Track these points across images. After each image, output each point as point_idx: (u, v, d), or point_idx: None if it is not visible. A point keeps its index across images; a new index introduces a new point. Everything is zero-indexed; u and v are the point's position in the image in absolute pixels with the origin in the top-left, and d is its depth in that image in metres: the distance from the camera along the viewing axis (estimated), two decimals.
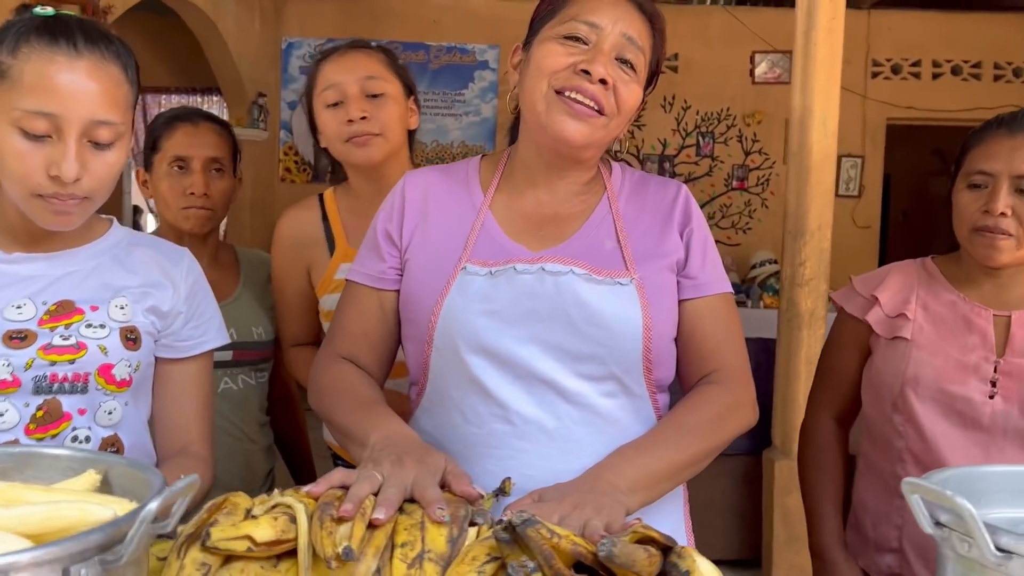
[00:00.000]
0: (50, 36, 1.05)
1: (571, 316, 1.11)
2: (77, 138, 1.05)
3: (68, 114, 1.04)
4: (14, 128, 1.04)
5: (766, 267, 5.86)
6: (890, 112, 6.27)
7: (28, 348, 1.09)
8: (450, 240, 1.19)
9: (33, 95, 1.03)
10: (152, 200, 1.82)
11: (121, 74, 1.10)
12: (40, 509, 0.66)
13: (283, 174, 6.40)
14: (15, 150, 1.04)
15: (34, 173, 1.04)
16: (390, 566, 0.79)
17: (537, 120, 1.13)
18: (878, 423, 1.48)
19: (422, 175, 1.26)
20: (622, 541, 0.78)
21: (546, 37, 1.13)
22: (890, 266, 1.53)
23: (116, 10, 3.82)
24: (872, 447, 1.51)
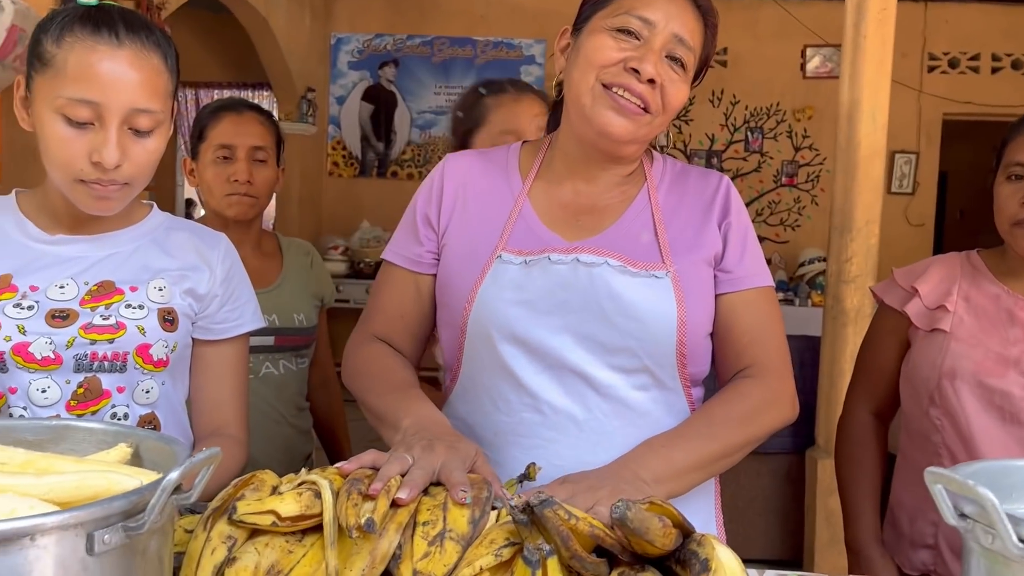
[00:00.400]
0: (93, 26, 1.08)
1: (604, 308, 1.11)
2: (118, 126, 1.08)
3: (109, 102, 1.07)
4: (58, 115, 1.07)
5: (815, 265, 5.76)
6: (947, 107, 6.10)
7: (70, 327, 1.13)
8: (487, 227, 1.19)
9: (76, 83, 1.06)
10: (197, 189, 1.87)
11: (161, 63, 1.12)
12: (69, 478, 0.68)
13: (331, 168, 6.47)
14: (58, 136, 1.07)
15: (76, 159, 1.08)
16: (411, 543, 0.80)
17: (582, 112, 1.12)
18: (916, 418, 1.45)
19: (462, 159, 1.26)
20: (636, 506, 0.77)
21: (597, 27, 1.12)
22: (932, 258, 1.51)
23: (170, 6, 3.90)
24: (910, 442, 1.48)
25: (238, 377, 1.29)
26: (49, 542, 0.59)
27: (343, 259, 5.96)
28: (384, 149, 6.44)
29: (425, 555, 0.79)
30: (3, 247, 1.16)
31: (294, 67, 5.69)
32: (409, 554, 0.79)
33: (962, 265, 1.47)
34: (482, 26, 6.30)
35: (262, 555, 0.78)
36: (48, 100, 1.07)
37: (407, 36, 6.35)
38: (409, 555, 0.79)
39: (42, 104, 1.08)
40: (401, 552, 0.79)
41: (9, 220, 1.18)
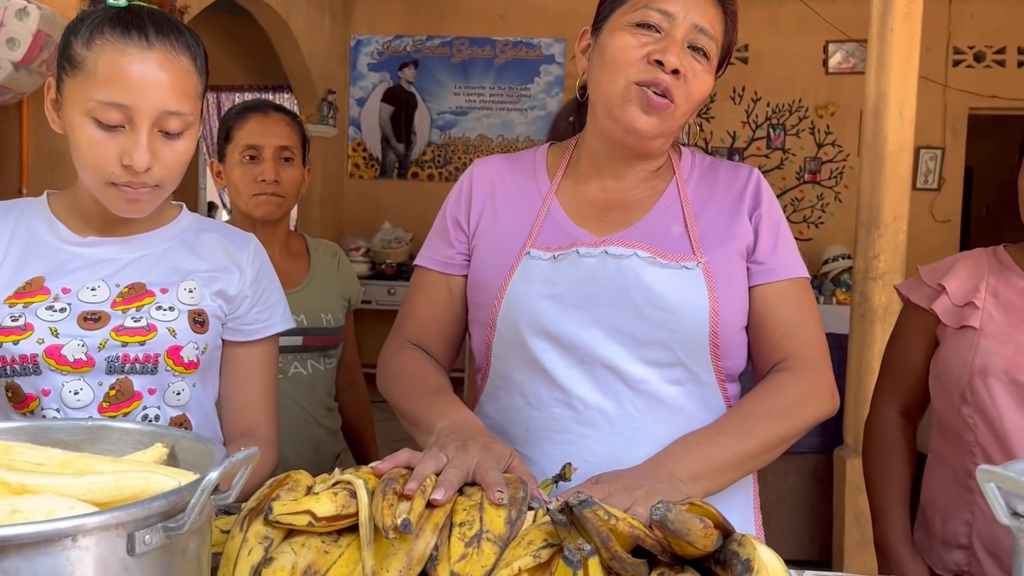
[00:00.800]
0: (123, 28, 1.08)
1: (634, 299, 1.10)
2: (148, 128, 1.07)
3: (140, 105, 1.06)
4: (88, 118, 1.07)
5: (839, 262, 5.71)
6: (972, 102, 6.03)
7: (102, 329, 1.13)
8: (516, 226, 1.19)
9: (106, 86, 1.06)
10: (226, 191, 1.87)
11: (191, 64, 1.12)
12: (107, 478, 0.68)
13: (351, 169, 6.49)
14: (89, 139, 1.07)
15: (107, 162, 1.08)
16: (448, 544, 0.79)
17: (609, 111, 1.12)
18: (947, 416, 1.43)
19: (490, 163, 1.27)
20: (677, 507, 0.76)
21: (617, 25, 1.11)
22: (959, 255, 1.48)
23: (192, 10, 3.93)
24: (942, 441, 1.46)
25: (268, 378, 1.29)
26: (91, 543, 0.58)
27: (365, 260, 5.98)
28: (404, 150, 6.45)
29: (462, 556, 0.78)
30: (35, 249, 1.17)
31: (314, 69, 5.72)
32: (446, 555, 0.78)
33: (989, 261, 1.44)
34: (501, 26, 6.30)
35: (299, 555, 0.78)
36: (79, 103, 1.07)
37: (426, 37, 6.36)
38: (446, 556, 0.78)
39: (73, 107, 1.08)
40: (438, 553, 0.78)
41: (41, 222, 1.19)
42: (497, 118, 6.35)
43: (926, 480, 1.51)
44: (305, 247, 1.95)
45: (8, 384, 1.12)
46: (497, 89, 6.34)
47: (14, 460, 0.73)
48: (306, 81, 5.75)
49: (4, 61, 2.74)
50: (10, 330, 1.11)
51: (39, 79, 2.89)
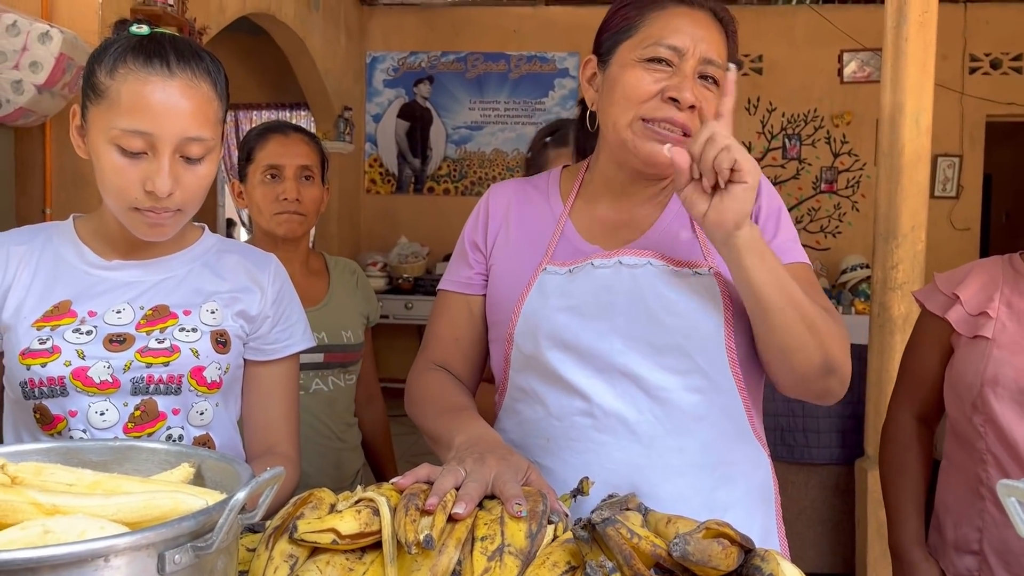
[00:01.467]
0: (145, 57, 1.09)
1: (651, 307, 1.11)
2: (170, 154, 1.09)
3: (162, 132, 1.08)
4: (112, 145, 1.09)
5: (857, 272, 5.67)
6: (990, 109, 6.00)
7: (127, 351, 1.15)
8: (531, 247, 1.21)
9: (129, 115, 1.08)
10: (247, 210, 1.90)
11: (211, 91, 1.14)
12: (137, 499, 0.70)
13: (368, 185, 6.54)
14: (113, 166, 1.10)
15: (131, 188, 1.10)
16: (471, 559, 0.80)
17: (624, 145, 1.13)
18: (960, 424, 1.43)
19: (505, 187, 1.31)
20: (695, 538, 0.76)
21: (629, 61, 1.12)
22: (974, 263, 1.48)
23: (211, 31, 3.98)
24: (955, 448, 1.46)
25: (289, 396, 1.30)
26: (122, 563, 0.60)
27: (382, 275, 6.01)
28: (420, 165, 6.49)
29: (485, 571, 0.79)
30: (62, 273, 1.19)
31: (331, 86, 5.77)
32: (469, 570, 0.79)
33: (1004, 269, 1.45)
34: (515, 41, 6.34)
35: (324, 573, 0.79)
36: (103, 131, 1.10)
37: (441, 53, 6.41)
38: (469, 570, 0.79)
39: (97, 134, 1.11)
40: (461, 568, 0.79)
41: (67, 246, 1.21)
42: (512, 132, 6.38)
43: (940, 485, 1.52)
44: (325, 265, 1.98)
45: (36, 406, 1.14)
46: (512, 103, 6.37)
47: (45, 481, 0.75)
48: (323, 98, 5.81)
49: (27, 84, 2.79)
50: (38, 353, 1.13)
51: (61, 102, 2.94)
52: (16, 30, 2.76)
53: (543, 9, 6.30)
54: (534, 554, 0.83)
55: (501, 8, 6.41)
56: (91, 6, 3.14)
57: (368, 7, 6.41)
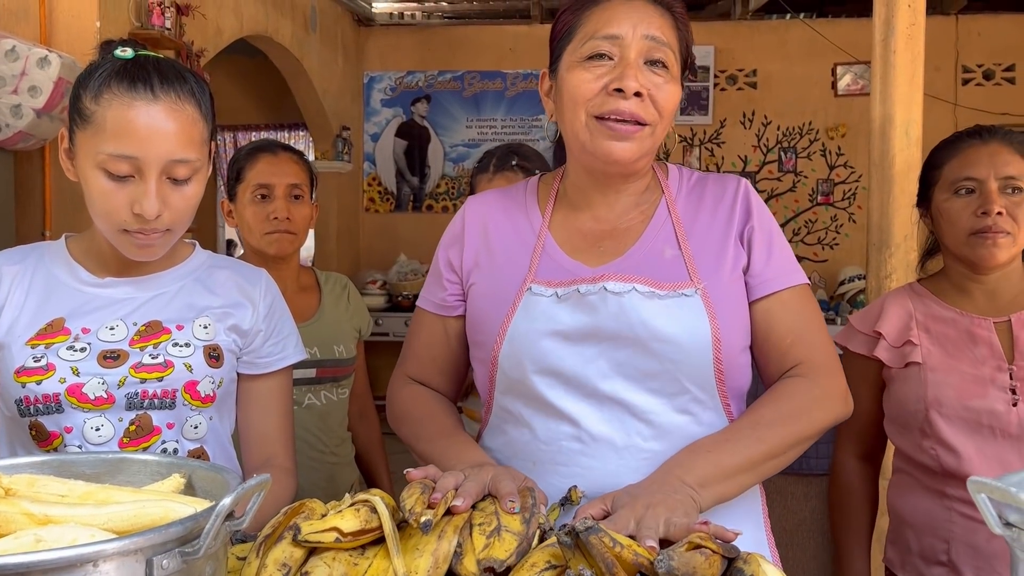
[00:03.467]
0: (129, 81, 1.11)
1: (638, 334, 1.09)
2: (157, 177, 1.11)
3: (147, 156, 1.10)
4: (99, 170, 1.11)
5: (855, 283, 5.69)
6: (983, 120, 6.00)
7: (121, 367, 1.16)
8: (512, 262, 1.20)
9: (115, 140, 1.09)
10: (236, 229, 1.92)
11: (196, 111, 1.14)
12: (127, 508, 0.71)
13: (367, 204, 6.57)
14: (101, 189, 1.11)
15: (119, 210, 1.11)
16: (470, 540, 0.85)
17: (582, 147, 1.12)
18: (909, 450, 1.47)
19: (482, 200, 1.28)
20: (678, 552, 0.78)
21: (571, 63, 1.12)
22: (883, 297, 1.55)
23: (208, 53, 4.02)
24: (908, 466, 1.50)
25: (283, 409, 1.32)
26: (111, 568, 0.61)
27: (381, 293, 6.03)
28: (419, 183, 6.52)
29: (486, 546, 0.84)
30: (55, 292, 1.20)
31: (328, 107, 5.82)
32: (470, 548, 0.84)
33: (911, 297, 1.51)
34: (510, 59, 6.39)
35: (332, 568, 0.83)
36: (89, 155, 1.11)
37: (438, 72, 6.46)
38: (470, 549, 0.84)
39: (84, 159, 1.12)
40: (462, 549, 0.84)
41: (60, 265, 1.23)
42: None
43: (891, 497, 1.55)
44: (315, 281, 1.99)
45: (32, 423, 1.15)
46: (508, 120, 6.41)
47: (38, 492, 0.77)
48: (321, 118, 5.85)
49: (27, 108, 2.82)
50: (33, 370, 1.14)
51: (60, 125, 2.97)
52: (15, 55, 2.80)
53: (538, 27, 6.35)
54: (532, 536, 0.86)
55: (497, 27, 6.47)
56: (89, 31, 3.18)
57: (365, 27, 6.47)
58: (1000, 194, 1.40)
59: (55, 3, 3.16)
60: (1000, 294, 1.44)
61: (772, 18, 6.20)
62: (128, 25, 3.39)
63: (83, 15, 3.18)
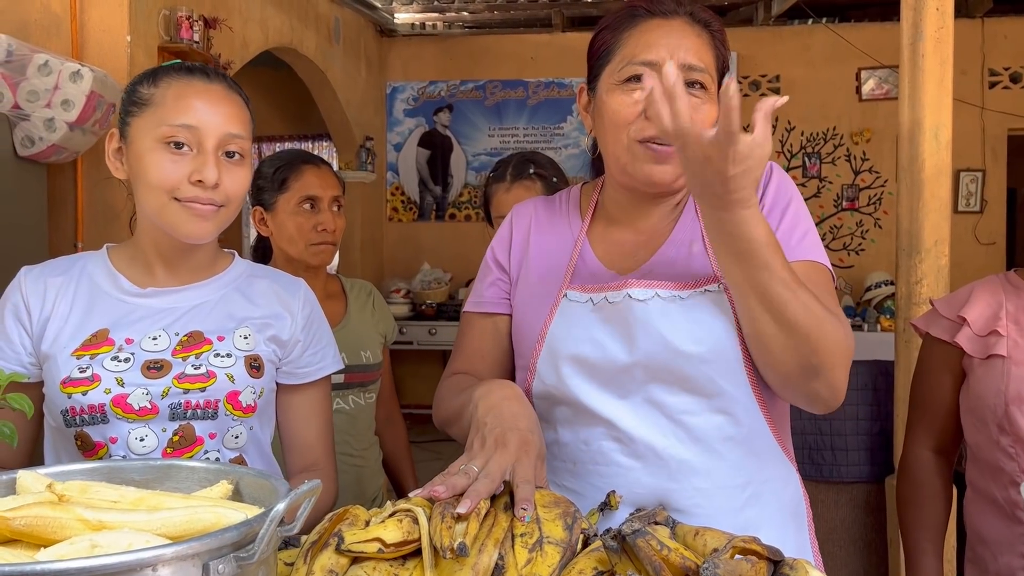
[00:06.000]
0: (186, 70, 1.20)
1: (667, 339, 1.08)
2: (214, 149, 1.16)
3: (207, 126, 1.16)
4: (159, 143, 1.16)
5: (881, 289, 5.63)
6: (1012, 123, 5.96)
7: (164, 377, 1.18)
8: (551, 268, 1.22)
9: (177, 111, 1.16)
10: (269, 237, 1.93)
11: (244, 103, 1.23)
12: (180, 513, 0.72)
13: (391, 214, 6.60)
14: (160, 162, 1.15)
15: (177, 179, 1.15)
16: (512, 553, 0.83)
17: (622, 169, 1.13)
18: (984, 448, 1.41)
19: (527, 206, 1.32)
20: (723, 559, 0.78)
21: (610, 85, 1.12)
22: (972, 284, 1.47)
23: (235, 65, 4.07)
24: (980, 475, 1.44)
25: (323, 417, 1.34)
26: (168, 572, 0.62)
27: (405, 301, 6.05)
28: (442, 192, 6.55)
29: (528, 561, 0.82)
30: (99, 302, 1.22)
31: (352, 117, 5.86)
32: (512, 563, 0.82)
33: (1004, 287, 1.44)
34: (532, 67, 6.41)
35: None
36: (150, 133, 1.16)
37: (460, 81, 6.49)
38: (512, 564, 0.82)
39: (143, 139, 1.17)
40: (504, 563, 0.82)
41: (102, 275, 1.25)
42: None
43: (968, 515, 1.48)
44: (341, 288, 2.01)
45: (77, 433, 1.17)
46: (530, 129, 6.42)
47: (90, 498, 0.78)
48: (344, 129, 5.89)
49: (59, 122, 2.87)
50: (79, 381, 1.16)
51: (92, 138, 3.02)
52: (48, 69, 2.84)
53: (560, 36, 6.36)
54: (575, 543, 0.85)
55: (518, 35, 6.49)
56: (120, 45, 3.23)
57: (388, 38, 6.51)
58: None
59: (86, 18, 3.21)
60: None
61: (795, 23, 6.17)
62: (157, 39, 3.44)
63: (114, 29, 3.23)
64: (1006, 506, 1.38)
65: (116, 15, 3.23)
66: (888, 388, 2.97)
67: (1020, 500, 1.35)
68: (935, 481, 1.51)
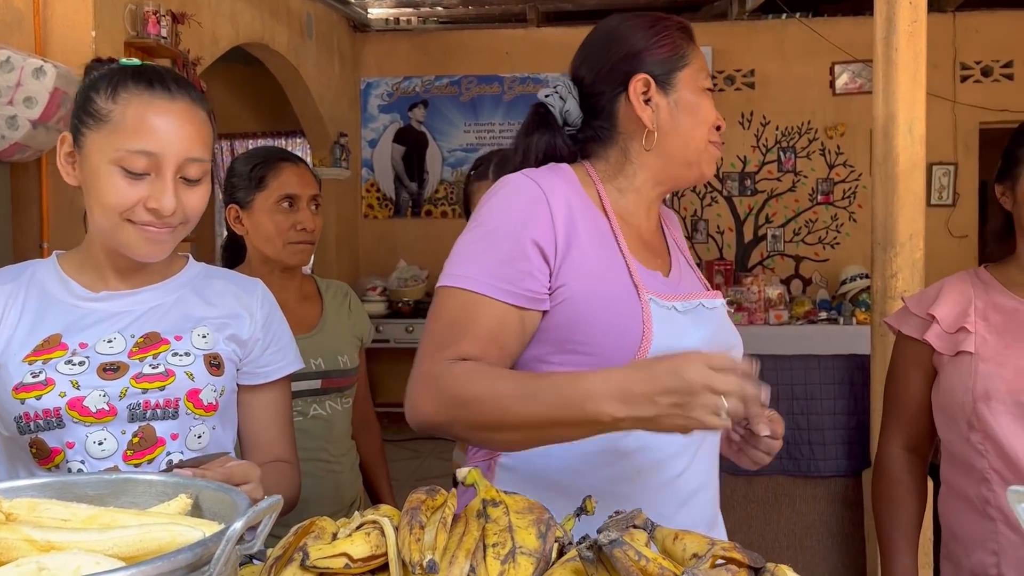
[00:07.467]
0: (147, 82, 1.13)
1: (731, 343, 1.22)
2: (173, 175, 1.12)
3: (166, 152, 1.11)
4: (115, 167, 1.11)
5: (856, 282, 5.67)
6: (983, 116, 6.02)
7: (121, 378, 1.14)
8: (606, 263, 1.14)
9: (135, 136, 1.10)
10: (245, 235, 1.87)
11: (207, 117, 1.18)
12: (132, 532, 0.68)
13: (366, 211, 6.55)
14: (115, 185, 1.11)
15: (131, 203, 1.12)
16: (484, 564, 0.81)
17: (688, 161, 1.21)
18: (955, 445, 1.41)
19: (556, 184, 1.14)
20: (703, 569, 0.76)
21: (697, 88, 1.21)
22: (942, 281, 1.48)
23: (204, 61, 4.00)
24: (953, 471, 1.44)
25: (285, 416, 1.32)
26: None
27: (381, 299, 6.01)
28: (417, 189, 6.50)
29: (500, 574, 0.79)
30: (50, 308, 1.19)
31: (326, 113, 5.80)
32: (484, 574, 0.79)
33: (973, 283, 1.44)
34: (507, 63, 6.38)
35: None
36: (105, 153, 1.11)
37: (435, 77, 6.44)
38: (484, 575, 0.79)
39: (98, 158, 1.12)
40: (476, 574, 0.79)
41: (53, 282, 1.21)
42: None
43: (943, 512, 1.49)
44: (317, 289, 1.97)
45: (32, 440, 1.13)
46: (506, 125, 6.39)
47: (40, 517, 0.74)
48: (318, 125, 5.84)
49: (22, 120, 2.80)
50: (32, 386, 1.12)
51: (56, 135, 2.95)
52: (10, 66, 2.78)
53: (535, 31, 6.34)
54: (549, 552, 0.83)
55: (493, 30, 6.45)
56: (85, 40, 3.16)
57: (361, 34, 6.45)
58: None
59: (50, 13, 3.14)
60: None
61: (769, 18, 6.18)
62: (124, 34, 3.37)
63: (78, 25, 3.16)
64: (978, 503, 1.38)
65: (81, 10, 3.16)
66: (865, 382, 2.98)
67: (991, 497, 1.35)
68: (908, 479, 1.52)
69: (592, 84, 1.22)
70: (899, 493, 1.51)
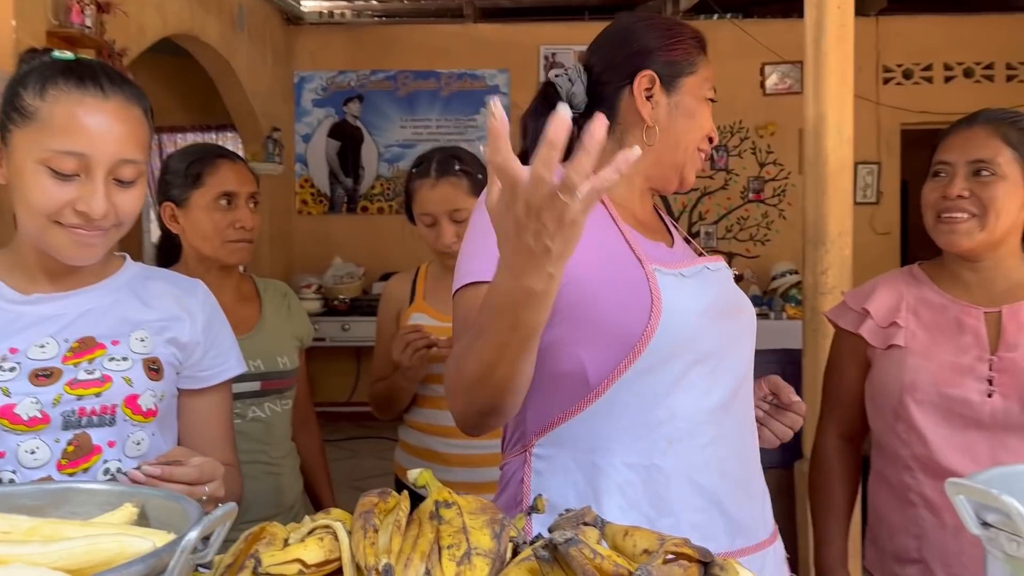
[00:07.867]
0: (77, 79, 1.08)
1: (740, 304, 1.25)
2: (104, 177, 1.07)
3: (97, 154, 1.06)
4: (42, 167, 1.06)
5: (787, 278, 5.82)
6: (904, 117, 6.24)
7: (54, 384, 1.10)
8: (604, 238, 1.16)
9: (64, 136, 1.05)
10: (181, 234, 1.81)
11: (143, 115, 1.13)
12: (79, 544, 0.66)
13: (300, 206, 6.45)
14: (42, 187, 1.06)
15: (59, 205, 1.07)
16: (440, 567, 0.80)
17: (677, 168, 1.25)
18: (883, 435, 1.48)
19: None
20: (656, 565, 0.77)
21: (700, 96, 1.24)
22: (878, 278, 1.55)
23: (131, 52, 3.88)
24: (881, 460, 1.51)
25: (226, 420, 1.30)
26: None
27: (317, 297, 5.92)
28: (353, 185, 6.43)
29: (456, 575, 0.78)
30: None
31: (258, 107, 5.68)
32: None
33: (906, 280, 1.51)
34: (444, 59, 6.35)
35: None
36: (31, 153, 1.06)
37: (370, 71, 6.37)
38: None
39: (24, 157, 1.07)
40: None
41: None
42: None
43: (871, 498, 1.55)
44: (255, 289, 1.93)
45: None
46: (443, 120, 6.36)
47: None
48: (250, 119, 5.71)
49: None
50: None
51: None
52: None
53: (472, 27, 6.32)
54: (504, 552, 0.83)
55: (430, 25, 6.41)
56: (4, 30, 3.03)
57: (294, 26, 6.34)
58: (968, 178, 1.37)
59: None
60: (995, 284, 1.42)
61: (701, 19, 6.29)
62: (46, 23, 3.24)
63: None
64: (901, 489, 1.44)
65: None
66: (797, 376, 3.05)
67: (913, 484, 1.41)
68: (842, 468, 1.58)
69: (601, 73, 1.25)
70: (833, 480, 1.57)
